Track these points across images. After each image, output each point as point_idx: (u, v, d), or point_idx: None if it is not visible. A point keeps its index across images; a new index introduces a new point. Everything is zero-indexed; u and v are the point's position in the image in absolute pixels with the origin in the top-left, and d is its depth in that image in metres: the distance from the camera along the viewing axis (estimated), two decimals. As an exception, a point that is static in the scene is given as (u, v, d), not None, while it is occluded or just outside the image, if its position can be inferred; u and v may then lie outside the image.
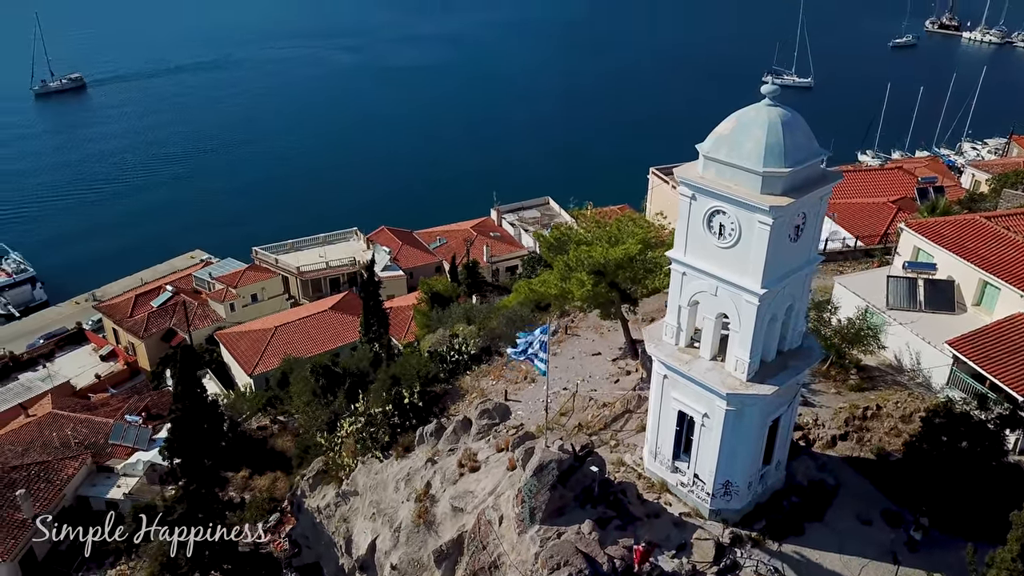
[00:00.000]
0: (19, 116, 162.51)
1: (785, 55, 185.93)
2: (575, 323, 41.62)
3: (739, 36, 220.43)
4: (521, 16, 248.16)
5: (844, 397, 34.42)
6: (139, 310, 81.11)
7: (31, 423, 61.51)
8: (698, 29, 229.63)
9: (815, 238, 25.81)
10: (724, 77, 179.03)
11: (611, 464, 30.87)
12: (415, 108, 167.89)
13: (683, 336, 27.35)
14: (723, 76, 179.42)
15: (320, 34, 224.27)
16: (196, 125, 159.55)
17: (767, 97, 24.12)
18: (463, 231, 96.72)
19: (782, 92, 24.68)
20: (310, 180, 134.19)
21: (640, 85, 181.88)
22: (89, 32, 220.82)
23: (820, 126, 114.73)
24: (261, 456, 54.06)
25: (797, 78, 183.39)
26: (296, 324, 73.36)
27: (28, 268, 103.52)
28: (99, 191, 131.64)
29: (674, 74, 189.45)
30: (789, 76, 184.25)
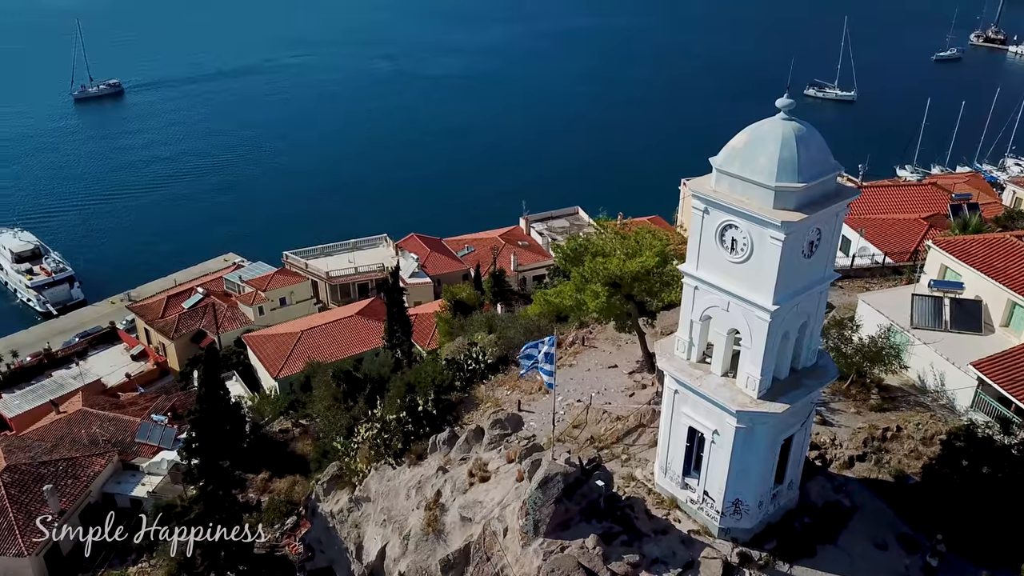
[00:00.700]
0: (59, 121, 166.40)
1: (828, 68, 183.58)
2: (593, 335, 41.36)
3: (782, 48, 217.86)
4: (559, 26, 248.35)
5: (864, 417, 33.70)
6: (170, 311, 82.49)
7: (61, 420, 62.76)
8: (740, 41, 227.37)
9: (831, 254, 25.33)
10: (764, 89, 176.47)
11: (621, 479, 30.60)
12: (449, 117, 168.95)
13: (695, 351, 27.02)
14: (763, 88, 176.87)
15: (360, 43, 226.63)
16: (232, 131, 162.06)
17: (782, 111, 23.76)
18: (491, 239, 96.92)
19: (823, 105, 24.37)
20: (343, 186, 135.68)
21: (677, 95, 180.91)
22: (128, 39, 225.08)
23: (861, 141, 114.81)
24: (281, 459, 54.62)
25: (840, 91, 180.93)
26: (322, 329, 74.02)
27: (67, 267, 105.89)
28: (136, 194, 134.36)
29: (713, 85, 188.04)
30: (831, 89, 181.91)
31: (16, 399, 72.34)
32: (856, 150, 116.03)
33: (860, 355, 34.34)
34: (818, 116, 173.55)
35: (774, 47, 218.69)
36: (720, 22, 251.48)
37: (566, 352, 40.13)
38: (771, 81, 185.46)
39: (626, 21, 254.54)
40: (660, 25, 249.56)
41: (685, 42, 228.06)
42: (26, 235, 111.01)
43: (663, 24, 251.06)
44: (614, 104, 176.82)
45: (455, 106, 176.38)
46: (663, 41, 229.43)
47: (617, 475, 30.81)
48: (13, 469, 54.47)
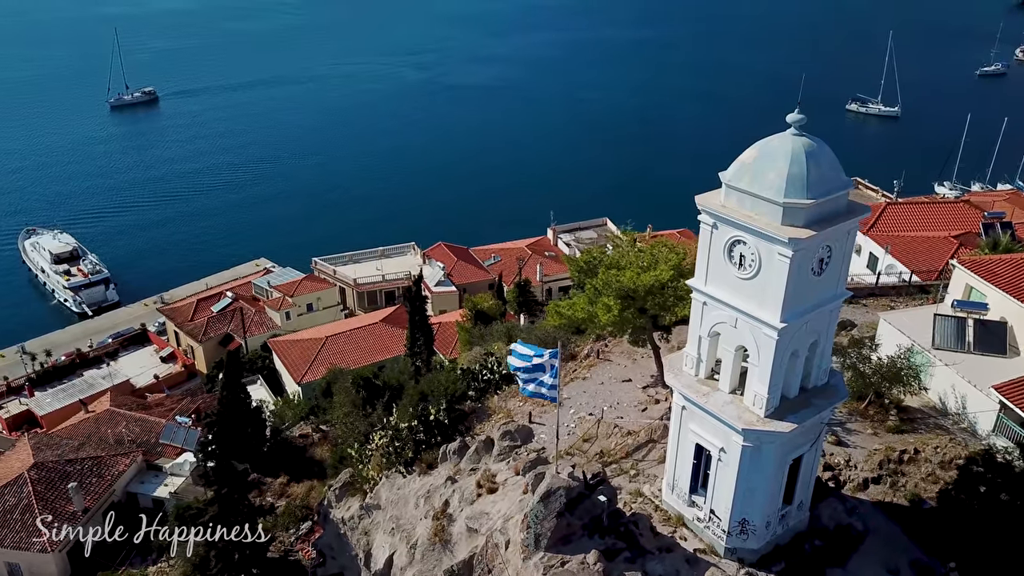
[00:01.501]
0: (95, 127, 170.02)
1: (872, 82, 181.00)
2: (609, 348, 41.11)
3: (824, 61, 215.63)
4: (594, 36, 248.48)
5: (881, 438, 32.99)
6: (200, 314, 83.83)
7: (89, 419, 64.00)
8: (781, 55, 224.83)
9: (842, 272, 24.91)
10: (805, 103, 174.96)
11: (629, 494, 30.32)
12: (479, 126, 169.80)
13: (703, 367, 26.72)
14: (805, 102, 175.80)
15: (392, 51, 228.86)
16: (265, 139, 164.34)
17: (793, 126, 23.48)
18: (518, 250, 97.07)
19: (867, 120, 24.10)
20: (374, 194, 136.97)
21: (712, 107, 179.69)
22: (165, 47, 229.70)
23: (902, 156, 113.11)
24: (300, 464, 54.92)
25: (883, 107, 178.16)
26: (346, 335, 74.65)
27: (103, 269, 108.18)
28: (171, 199, 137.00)
29: (750, 98, 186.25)
30: (874, 105, 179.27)
31: (48, 397, 74.00)
32: (896, 166, 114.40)
33: (878, 375, 33.64)
34: (860, 132, 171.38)
35: (817, 62, 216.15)
36: (761, 36, 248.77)
37: (580, 365, 39.97)
38: (813, 96, 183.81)
39: (663, 32, 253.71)
40: (697, 37, 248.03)
41: (723, 55, 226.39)
42: (65, 237, 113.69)
43: (701, 36, 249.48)
44: (647, 115, 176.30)
45: (486, 116, 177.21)
46: (700, 54, 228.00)
47: (625, 490, 30.57)
48: (40, 466, 55.55)
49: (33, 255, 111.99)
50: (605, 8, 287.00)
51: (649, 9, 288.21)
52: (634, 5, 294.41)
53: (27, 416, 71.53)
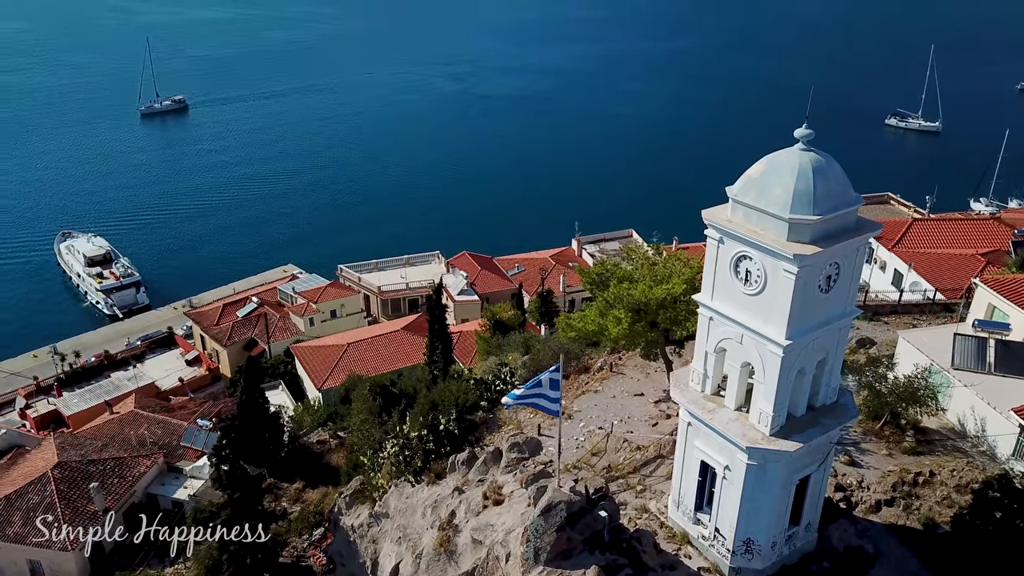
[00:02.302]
0: (127, 134, 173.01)
1: (912, 97, 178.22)
2: (622, 361, 40.83)
3: (864, 75, 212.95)
4: (627, 48, 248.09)
5: (896, 460, 32.31)
6: (225, 319, 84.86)
7: (114, 420, 64.99)
8: (819, 67, 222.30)
9: (851, 290, 24.47)
10: (845, 117, 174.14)
11: (635, 510, 30.04)
12: (509, 136, 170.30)
13: (709, 383, 26.41)
14: (844, 116, 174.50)
15: (427, 62, 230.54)
16: (294, 147, 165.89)
17: (800, 141, 23.18)
18: (542, 260, 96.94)
19: (906, 136, 23.77)
20: (402, 202, 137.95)
21: (747, 119, 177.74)
22: (197, 55, 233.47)
23: (941, 172, 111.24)
24: (317, 470, 55.21)
25: (923, 122, 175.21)
26: (368, 342, 75.05)
27: (134, 273, 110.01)
28: (202, 205, 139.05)
29: (786, 110, 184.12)
30: (915, 119, 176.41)
31: (75, 397, 75.35)
32: (934, 182, 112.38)
33: (895, 395, 32.98)
34: (899, 147, 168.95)
35: (856, 76, 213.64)
36: (800, 49, 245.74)
37: (593, 377, 39.74)
38: (852, 109, 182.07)
39: (696, 44, 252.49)
40: (732, 49, 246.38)
41: (758, 68, 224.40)
42: (99, 240, 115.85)
43: (735, 48, 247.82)
44: (677, 127, 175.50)
45: (516, 126, 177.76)
46: (734, 66, 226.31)
47: (630, 506, 30.30)
48: (64, 466, 56.45)
49: (68, 258, 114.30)
50: (639, 20, 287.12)
51: (682, 21, 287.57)
52: (668, 17, 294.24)
53: (55, 416, 72.88)
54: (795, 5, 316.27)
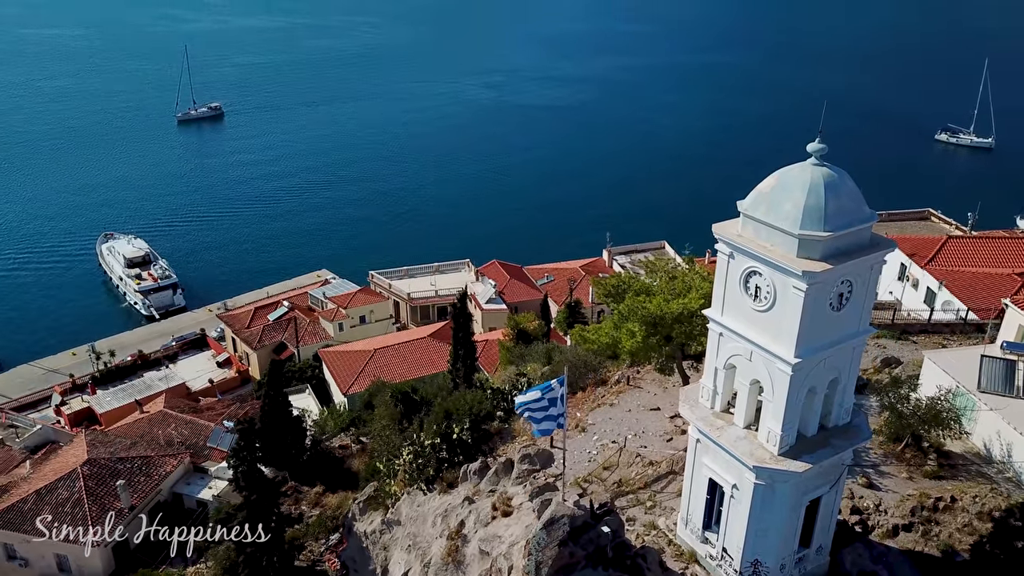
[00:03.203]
0: (164, 140, 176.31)
1: (964, 112, 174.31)
2: (640, 374, 40.41)
3: (914, 89, 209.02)
4: (666, 61, 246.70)
5: (916, 483, 31.43)
6: (256, 322, 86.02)
7: (143, 419, 66.24)
8: (868, 80, 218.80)
9: (865, 308, 23.88)
10: (893, 132, 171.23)
11: (643, 526, 29.64)
12: (544, 146, 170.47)
13: (719, 400, 25.99)
14: (891, 130, 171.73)
15: (466, 71, 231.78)
16: (329, 154, 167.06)
17: (813, 156, 22.75)
18: (572, 270, 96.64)
19: (957, 152, 23.26)
20: (435, 210, 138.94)
21: (788, 133, 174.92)
22: (242, 63, 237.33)
23: (992, 189, 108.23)
24: (337, 474, 55.61)
25: (975, 138, 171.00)
26: (394, 348, 75.46)
27: (171, 275, 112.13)
28: (238, 210, 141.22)
29: (829, 124, 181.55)
30: (966, 135, 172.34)
31: (108, 396, 76.93)
32: (981, 199, 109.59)
33: (916, 417, 32.11)
34: (948, 163, 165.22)
35: (907, 88, 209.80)
36: (850, 63, 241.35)
37: (610, 391, 39.38)
38: (901, 124, 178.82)
39: (737, 57, 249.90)
40: (774, 62, 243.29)
41: (803, 81, 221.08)
42: (139, 242, 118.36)
43: (777, 61, 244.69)
44: (714, 138, 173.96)
45: (551, 135, 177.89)
46: (776, 79, 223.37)
47: (639, 522, 29.91)
48: (93, 463, 57.58)
49: (109, 259, 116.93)
50: (684, 34, 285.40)
51: (727, 33, 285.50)
52: (713, 30, 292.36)
53: (88, 413, 74.51)
54: (841, 17, 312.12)
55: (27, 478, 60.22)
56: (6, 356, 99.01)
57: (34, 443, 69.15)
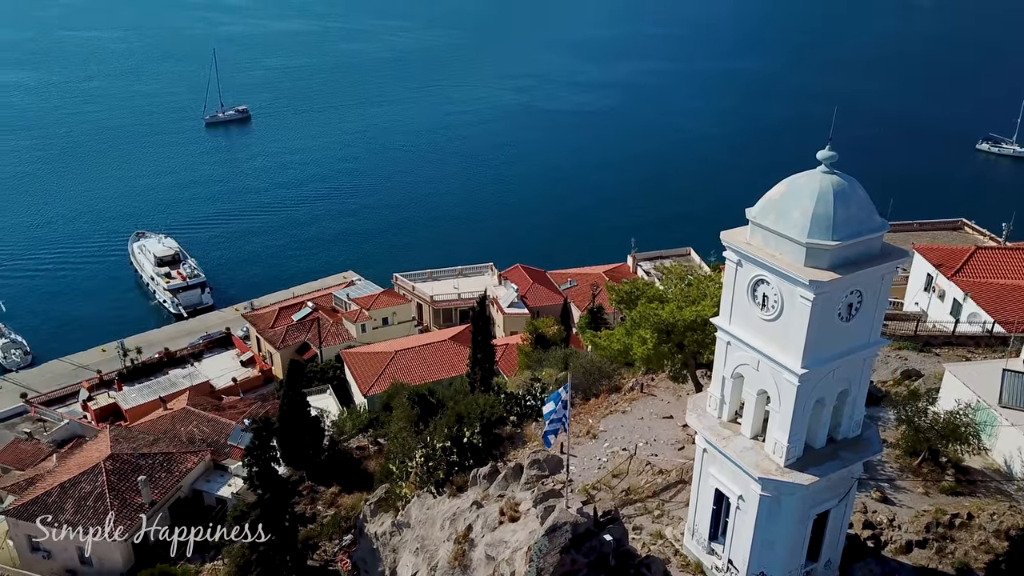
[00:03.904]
0: (192, 141, 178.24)
1: (1007, 121, 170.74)
2: (655, 382, 40.07)
3: (957, 97, 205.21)
4: (696, 67, 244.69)
5: (932, 499, 30.77)
6: (280, 322, 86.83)
7: (167, 416, 67.07)
8: (910, 88, 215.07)
9: (876, 319, 23.46)
10: (932, 140, 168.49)
11: (650, 535, 29.38)
12: (570, 150, 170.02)
13: (726, 409, 25.69)
14: (931, 139, 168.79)
15: (494, 75, 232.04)
16: (355, 158, 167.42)
17: (823, 163, 22.41)
18: (595, 275, 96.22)
19: (998, 162, 22.78)
20: (462, 213, 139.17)
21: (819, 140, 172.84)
22: (276, 66, 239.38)
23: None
24: (354, 475, 55.85)
25: (1018, 148, 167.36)
26: (415, 351, 75.67)
27: (200, 274, 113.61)
28: (268, 211, 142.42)
29: (874, 132, 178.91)
30: (1009, 145, 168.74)
31: (133, 392, 78.12)
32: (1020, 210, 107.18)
33: (934, 431, 31.44)
34: (989, 173, 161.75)
35: (949, 97, 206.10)
36: (888, 69, 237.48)
37: (622, 398, 39.09)
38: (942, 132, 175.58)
39: (766, 63, 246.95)
40: (806, 69, 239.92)
41: (834, 87, 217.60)
42: (169, 241, 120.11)
43: (810, 68, 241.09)
44: (742, 145, 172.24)
45: (578, 140, 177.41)
46: (806, 85, 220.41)
47: (646, 531, 29.65)
48: (116, 458, 58.35)
49: (140, 257, 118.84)
50: (714, 38, 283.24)
51: (758, 39, 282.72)
52: (745, 35, 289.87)
53: (113, 408, 75.68)
54: (878, 23, 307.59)
55: (52, 471, 61.28)
56: (39, 351, 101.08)
57: (61, 437, 70.48)
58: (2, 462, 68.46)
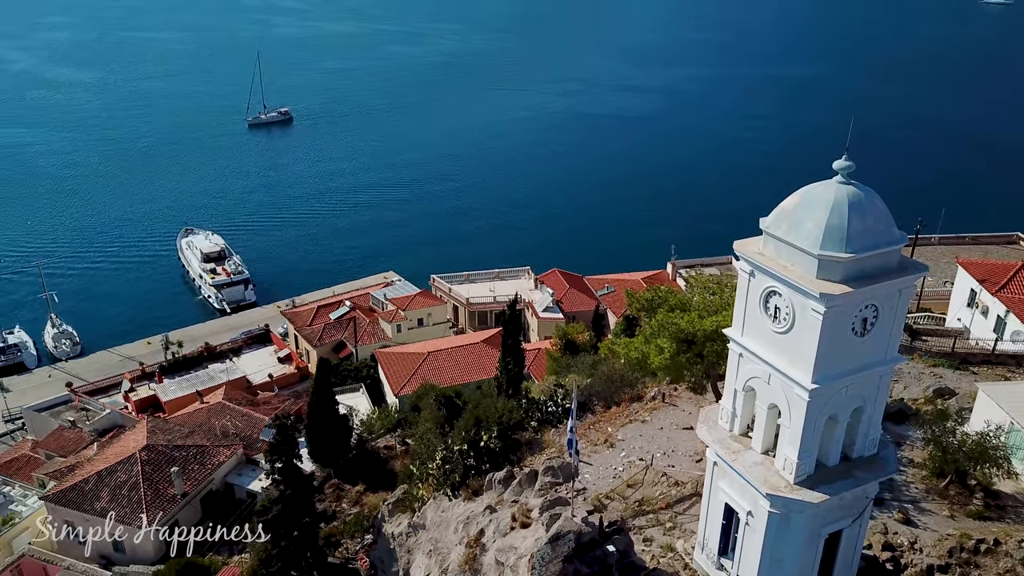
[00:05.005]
0: (235, 143, 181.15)
1: None
2: (677, 392, 39.50)
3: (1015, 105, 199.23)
4: (745, 72, 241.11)
5: (958, 523, 29.71)
6: (318, 320, 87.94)
7: (202, 409, 68.44)
8: (970, 99, 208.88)
9: (893, 335, 22.70)
10: (995, 153, 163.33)
11: (660, 547, 28.90)
12: (613, 155, 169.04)
13: (738, 423, 25.14)
14: (994, 151, 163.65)
15: (540, 79, 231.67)
16: (397, 161, 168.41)
17: (839, 173, 21.79)
18: (633, 282, 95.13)
19: None
20: (502, 217, 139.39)
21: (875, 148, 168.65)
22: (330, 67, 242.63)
23: None
24: (380, 474, 56.18)
25: None
26: (447, 352, 75.86)
27: (244, 271, 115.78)
28: (311, 211, 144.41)
29: (910, 140, 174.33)
30: None
31: (173, 385, 79.90)
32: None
33: (962, 452, 30.36)
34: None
35: (1012, 108, 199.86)
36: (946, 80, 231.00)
37: (644, 407, 38.61)
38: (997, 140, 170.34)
39: (813, 70, 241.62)
40: (856, 75, 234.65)
41: (882, 95, 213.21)
42: (216, 238, 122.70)
43: (859, 74, 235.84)
44: (789, 151, 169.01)
45: (621, 145, 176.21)
46: (853, 91, 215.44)
47: (656, 543, 29.18)
48: (151, 448, 59.75)
49: (187, 253, 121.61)
50: (763, 44, 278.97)
51: (805, 45, 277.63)
52: (792, 41, 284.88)
53: (153, 400, 77.51)
54: (937, 29, 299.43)
55: (92, 459, 62.97)
56: (88, 342, 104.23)
57: (103, 427, 72.39)
58: (46, 448, 70.61)
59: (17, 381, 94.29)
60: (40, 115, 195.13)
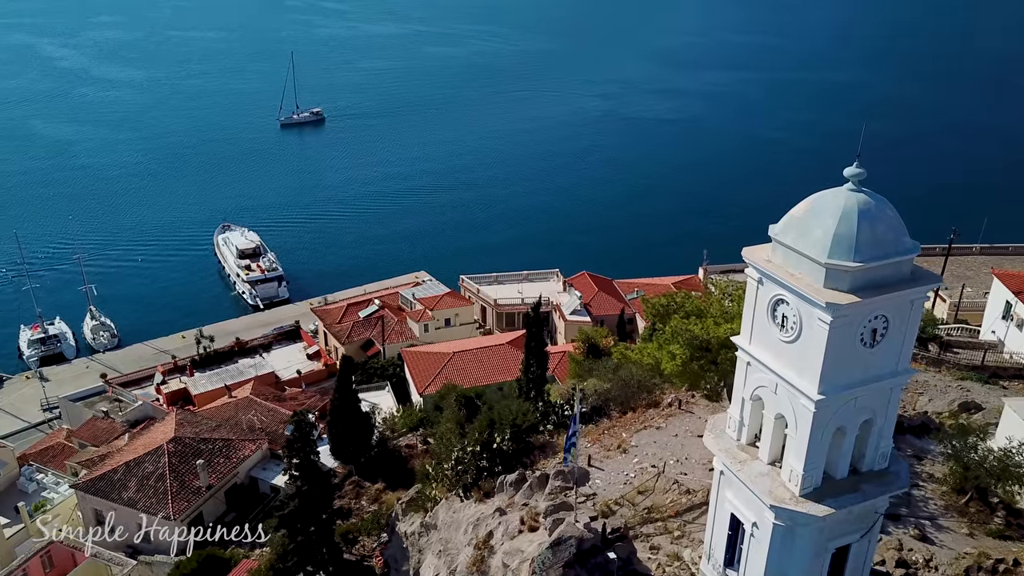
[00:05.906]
0: (267, 142, 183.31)
1: None
2: (694, 399, 39.01)
3: None
4: (787, 77, 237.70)
5: (977, 541, 28.89)
6: (347, 318, 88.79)
7: (230, 403, 69.54)
8: (988, 102, 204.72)
9: (904, 347, 22.13)
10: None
11: (667, 556, 28.57)
12: (647, 158, 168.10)
13: (745, 432, 24.71)
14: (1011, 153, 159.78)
15: (577, 81, 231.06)
16: (429, 161, 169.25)
17: (850, 180, 21.33)
18: (663, 286, 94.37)
19: None
20: (535, 218, 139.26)
21: (917, 154, 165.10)
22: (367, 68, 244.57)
23: None
24: (400, 473, 56.55)
25: None
26: (472, 353, 76.06)
27: (278, 267, 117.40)
28: (345, 209, 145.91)
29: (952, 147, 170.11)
30: None
31: (203, 379, 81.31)
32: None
33: (983, 469, 29.53)
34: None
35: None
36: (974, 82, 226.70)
37: (659, 413, 38.22)
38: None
39: (857, 75, 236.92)
40: (901, 82, 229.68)
41: (927, 101, 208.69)
42: (251, 235, 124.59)
43: (905, 81, 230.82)
44: (828, 159, 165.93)
45: (656, 148, 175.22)
46: (898, 96, 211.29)
47: (663, 551, 28.85)
48: (178, 440, 60.88)
49: (223, 249, 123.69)
50: (805, 48, 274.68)
51: (857, 49, 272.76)
52: (837, 45, 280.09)
53: (183, 393, 78.93)
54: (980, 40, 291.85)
55: (122, 450, 64.31)
56: (126, 334, 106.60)
57: (134, 418, 73.94)
58: (80, 438, 72.30)
59: (57, 371, 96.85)
60: (85, 112, 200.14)
